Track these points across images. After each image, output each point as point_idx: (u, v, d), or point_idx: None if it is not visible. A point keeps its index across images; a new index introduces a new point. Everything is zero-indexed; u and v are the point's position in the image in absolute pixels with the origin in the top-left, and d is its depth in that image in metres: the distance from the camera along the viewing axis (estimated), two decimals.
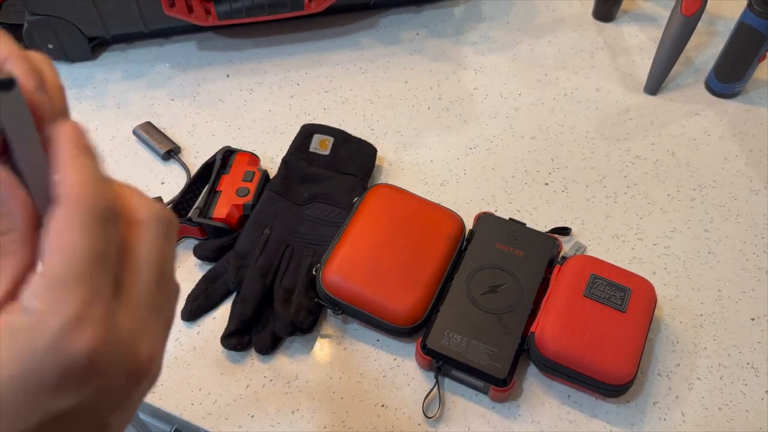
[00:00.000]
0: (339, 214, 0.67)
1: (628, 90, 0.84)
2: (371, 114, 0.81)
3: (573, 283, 0.60)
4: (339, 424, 0.57)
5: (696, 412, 0.58)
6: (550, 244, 0.64)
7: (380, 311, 0.59)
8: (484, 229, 0.65)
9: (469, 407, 0.58)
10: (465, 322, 0.58)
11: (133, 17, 0.81)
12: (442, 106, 0.82)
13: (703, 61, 0.87)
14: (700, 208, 0.72)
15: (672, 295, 0.65)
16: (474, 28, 0.91)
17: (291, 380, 0.60)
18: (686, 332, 0.63)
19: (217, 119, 0.80)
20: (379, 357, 0.61)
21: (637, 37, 0.90)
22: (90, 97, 0.81)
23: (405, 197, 0.66)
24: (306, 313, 0.60)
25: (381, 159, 0.76)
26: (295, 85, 0.84)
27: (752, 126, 0.80)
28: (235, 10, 0.79)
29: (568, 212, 0.72)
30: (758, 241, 0.69)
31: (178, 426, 0.60)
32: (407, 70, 0.86)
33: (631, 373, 0.55)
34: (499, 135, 0.79)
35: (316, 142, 0.72)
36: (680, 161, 0.76)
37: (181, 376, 0.59)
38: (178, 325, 0.63)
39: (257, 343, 0.60)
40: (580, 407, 0.58)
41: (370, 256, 0.61)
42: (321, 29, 0.90)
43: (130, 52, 0.87)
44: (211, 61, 0.86)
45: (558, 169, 0.75)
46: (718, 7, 0.94)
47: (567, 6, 0.94)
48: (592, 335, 0.56)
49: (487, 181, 0.74)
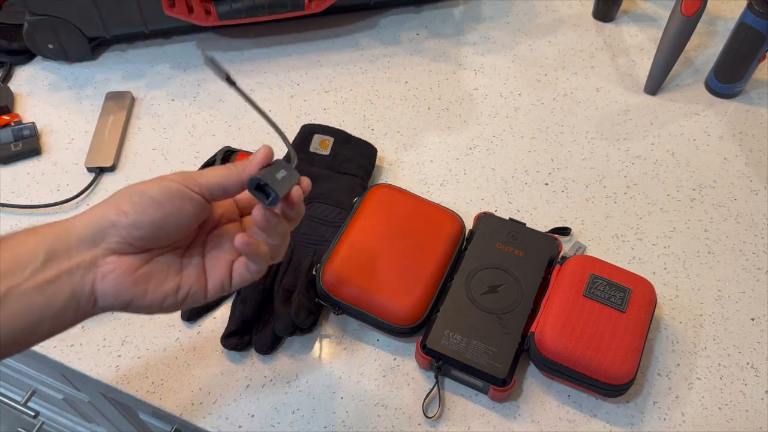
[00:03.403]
0: (339, 214, 0.67)
1: (627, 90, 0.84)
2: (371, 114, 0.81)
3: (573, 283, 0.60)
4: (339, 424, 0.57)
5: (696, 412, 0.58)
6: (550, 244, 0.64)
7: (380, 311, 0.59)
8: (484, 229, 0.65)
9: (469, 407, 0.58)
10: (465, 322, 0.58)
11: (133, 17, 0.81)
12: (442, 106, 0.82)
13: (703, 61, 0.87)
14: (699, 208, 0.72)
15: (672, 295, 0.66)
16: (474, 29, 0.91)
17: (291, 380, 0.60)
18: (686, 332, 0.63)
19: (217, 119, 0.80)
20: (379, 357, 0.61)
21: (637, 37, 0.90)
22: (90, 97, 0.81)
23: (405, 197, 0.66)
24: (306, 313, 0.60)
25: (381, 159, 0.76)
26: (295, 85, 0.84)
27: (752, 126, 0.80)
28: (235, 10, 0.79)
29: (568, 212, 0.72)
30: (758, 241, 0.70)
31: (178, 426, 0.60)
32: (407, 70, 0.86)
33: (631, 373, 0.55)
34: (499, 135, 0.79)
35: (316, 142, 0.72)
36: (680, 161, 0.76)
37: (182, 376, 0.60)
38: (178, 325, 0.63)
39: (257, 343, 0.60)
40: (579, 407, 0.58)
41: (370, 256, 0.61)
42: (321, 29, 0.90)
43: (130, 53, 0.87)
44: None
45: (558, 169, 0.76)
46: (718, 7, 0.94)
47: (567, 6, 0.94)
48: (591, 335, 0.56)
49: (487, 181, 0.74)
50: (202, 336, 0.62)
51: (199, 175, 0.44)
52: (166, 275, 0.44)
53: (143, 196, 0.42)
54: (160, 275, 0.44)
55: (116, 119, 0.78)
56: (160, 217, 0.42)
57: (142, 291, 0.43)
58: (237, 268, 0.47)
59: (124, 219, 0.42)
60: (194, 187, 0.43)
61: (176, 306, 0.45)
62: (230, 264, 0.47)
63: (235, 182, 0.44)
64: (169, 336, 0.62)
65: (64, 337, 0.62)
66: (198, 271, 0.46)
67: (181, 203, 0.43)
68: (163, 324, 0.63)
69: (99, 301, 0.42)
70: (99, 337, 0.62)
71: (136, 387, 0.59)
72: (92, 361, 0.60)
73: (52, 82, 0.83)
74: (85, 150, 0.76)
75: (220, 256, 0.47)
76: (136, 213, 0.42)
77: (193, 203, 0.43)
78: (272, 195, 0.43)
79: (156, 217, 0.42)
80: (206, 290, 0.46)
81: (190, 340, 0.62)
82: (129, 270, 0.42)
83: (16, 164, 0.75)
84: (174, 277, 0.45)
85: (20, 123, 0.77)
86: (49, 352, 0.61)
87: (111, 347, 0.61)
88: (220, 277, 0.46)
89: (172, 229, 0.43)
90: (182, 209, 0.43)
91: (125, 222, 0.42)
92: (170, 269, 0.45)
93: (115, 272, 0.42)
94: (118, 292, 0.42)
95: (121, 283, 0.42)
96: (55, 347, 0.61)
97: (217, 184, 0.44)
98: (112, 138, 0.76)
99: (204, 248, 0.47)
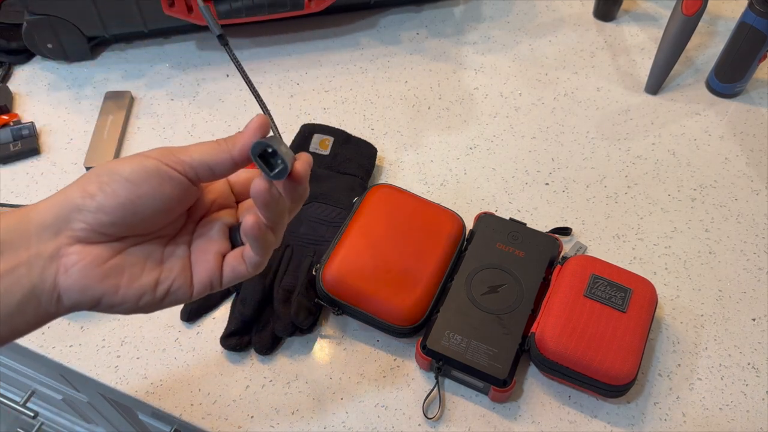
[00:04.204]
0: (339, 214, 0.67)
1: (628, 90, 0.84)
2: (371, 114, 0.80)
3: (573, 283, 0.59)
4: (339, 424, 0.57)
5: (697, 413, 0.58)
6: (551, 244, 0.64)
7: (380, 311, 0.59)
8: (485, 229, 0.65)
9: (469, 408, 0.58)
10: (465, 323, 0.58)
11: (132, 17, 0.81)
12: (443, 106, 0.81)
13: (704, 60, 0.87)
14: (700, 208, 0.72)
15: (673, 295, 0.65)
16: (474, 28, 0.91)
17: (291, 381, 0.59)
18: (687, 332, 0.63)
19: (216, 119, 0.80)
20: (379, 357, 0.61)
21: (638, 36, 0.90)
22: (90, 97, 0.81)
23: (405, 197, 0.66)
24: (306, 313, 0.60)
25: (381, 159, 0.76)
26: (295, 84, 0.83)
27: (753, 126, 0.80)
28: (235, 9, 0.78)
29: (568, 212, 0.72)
30: (759, 241, 0.69)
31: (177, 426, 0.60)
32: (407, 70, 0.85)
33: (631, 374, 0.55)
34: (499, 135, 0.79)
35: (316, 142, 0.72)
36: (681, 161, 0.76)
37: (181, 377, 0.59)
38: (178, 325, 0.63)
39: (257, 343, 0.60)
40: (580, 408, 0.58)
41: (370, 256, 0.61)
42: (321, 29, 0.90)
43: (129, 52, 0.87)
44: (211, 61, 0.86)
45: (558, 169, 0.75)
46: (718, 7, 0.94)
47: (567, 6, 0.94)
48: (592, 335, 0.56)
49: (487, 181, 0.74)
50: (202, 336, 0.62)
51: (182, 151, 0.38)
52: (142, 268, 0.38)
53: (113, 175, 0.36)
54: (134, 268, 0.38)
55: (115, 119, 0.78)
56: (132, 199, 0.36)
57: (112, 286, 0.37)
58: (230, 262, 0.41)
59: (90, 202, 0.36)
60: (176, 165, 0.37)
61: (155, 304, 0.39)
62: (220, 257, 0.41)
63: (224, 159, 0.38)
64: (169, 336, 0.62)
65: (63, 338, 0.61)
66: (182, 264, 0.40)
67: (159, 184, 0.36)
68: (163, 324, 0.63)
69: (63, 298, 0.37)
70: (98, 337, 0.62)
71: (135, 387, 0.59)
72: (91, 362, 0.60)
73: (51, 82, 0.83)
74: (84, 150, 0.76)
75: (209, 248, 0.41)
76: (105, 195, 0.36)
77: (174, 184, 0.37)
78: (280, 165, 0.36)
79: (128, 200, 0.36)
80: (191, 287, 0.40)
81: (190, 341, 0.62)
82: (96, 261, 0.37)
83: (15, 164, 0.75)
84: (152, 270, 0.39)
85: (19, 123, 0.77)
86: (48, 352, 0.61)
87: (110, 347, 0.61)
88: (207, 272, 0.40)
89: (148, 214, 0.37)
90: (160, 191, 0.37)
91: (91, 206, 0.36)
92: (148, 261, 0.39)
93: (80, 264, 0.36)
94: (84, 287, 0.37)
95: (88, 277, 0.36)
96: (54, 348, 0.61)
97: (203, 161, 0.38)
98: (112, 138, 0.76)
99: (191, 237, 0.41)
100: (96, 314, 0.63)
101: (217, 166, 0.38)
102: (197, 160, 0.38)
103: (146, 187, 0.36)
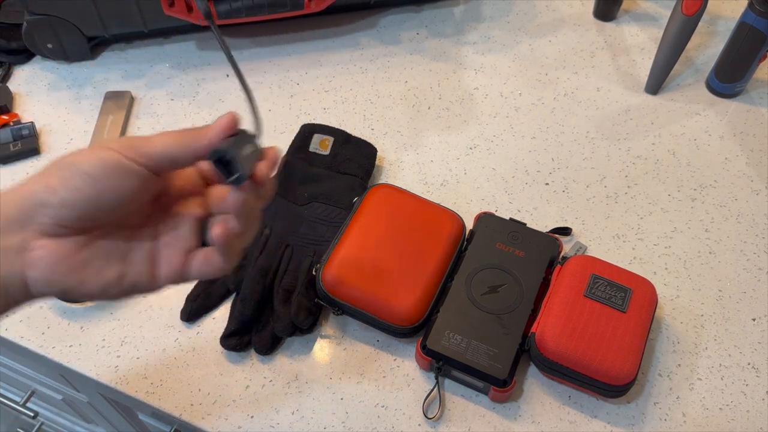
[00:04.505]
0: (339, 214, 0.67)
1: (628, 90, 0.84)
2: (371, 114, 0.80)
3: (573, 283, 0.59)
4: (339, 424, 0.57)
5: (697, 413, 0.58)
6: (551, 244, 0.64)
7: (380, 311, 0.59)
8: (485, 229, 0.65)
9: (469, 408, 0.58)
10: (465, 323, 0.58)
11: (132, 17, 0.81)
12: (443, 106, 0.81)
13: (704, 60, 0.87)
14: (700, 208, 0.72)
15: (673, 295, 0.65)
16: (474, 28, 0.91)
17: (291, 380, 0.59)
18: (687, 332, 0.63)
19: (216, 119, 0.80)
20: (379, 357, 0.61)
21: (638, 36, 0.90)
22: (89, 97, 0.81)
23: (405, 197, 0.66)
24: (306, 313, 0.60)
25: (381, 159, 0.76)
26: (295, 84, 0.83)
27: (753, 126, 0.80)
28: (235, 9, 0.78)
29: (568, 212, 0.72)
30: (759, 241, 0.69)
31: (177, 426, 0.60)
32: (407, 70, 0.85)
33: (631, 374, 0.55)
34: (499, 135, 0.79)
35: (316, 142, 0.72)
36: (681, 161, 0.76)
37: (181, 377, 0.59)
38: (178, 325, 0.63)
39: (257, 343, 0.60)
40: (580, 408, 0.58)
41: (370, 256, 0.61)
42: (321, 29, 0.90)
43: (129, 52, 0.87)
44: (211, 61, 0.86)
45: (558, 169, 0.75)
46: (718, 7, 0.94)
47: (567, 6, 0.94)
48: (592, 335, 0.56)
49: (487, 181, 0.74)
50: (202, 336, 0.62)
51: (145, 142, 0.37)
52: (107, 262, 0.39)
53: (74, 169, 0.36)
54: (99, 262, 0.38)
55: (115, 119, 0.78)
56: (94, 194, 0.36)
57: (77, 280, 0.38)
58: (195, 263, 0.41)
59: (52, 197, 0.36)
60: (137, 158, 0.37)
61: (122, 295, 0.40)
62: (186, 254, 0.41)
63: (187, 152, 0.38)
64: (169, 336, 0.62)
65: (63, 338, 0.61)
66: (147, 259, 0.40)
67: (120, 178, 0.36)
68: (163, 324, 0.63)
69: (31, 288, 0.37)
70: (98, 337, 0.62)
71: (135, 387, 0.59)
72: (91, 362, 0.60)
73: (51, 82, 0.83)
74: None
75: (175, 244, 0.41)
76: (66, 190, 0.36)
77: (134, 177, 0.37)
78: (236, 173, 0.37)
79: (90, 195, 0.36)
80: (156, 281, 0.40)
81: (190, 341, 0.62)
82: (63, 255, 0.37)
83: (15, 164, 0.75)
84: (117, 264, 0.39)
85: (19, 123, 0.77)
86: (48, 352, 0.61)
87: (110, 348, 0.61)
88: (173, 268, 0.40)
89: (111, 207, 0.37)
90: (121, 185, 0.37)
91: (54, 201, 0.36)
92: (113, 255, 0.39)
93: (47, 258, 0.37)
94: (50, 281, 0.37)
95: (54, 271, 0.37)
96: (54, 348, 0.61)
97: (165, 153, 0.37)
98: (112, 138, 0.76)
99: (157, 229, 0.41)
100: (96, 314, 0.63)
101: (180, 158, 0.38)
102: (159, 152, 0.37)
103: (107, 182, 0.36)
